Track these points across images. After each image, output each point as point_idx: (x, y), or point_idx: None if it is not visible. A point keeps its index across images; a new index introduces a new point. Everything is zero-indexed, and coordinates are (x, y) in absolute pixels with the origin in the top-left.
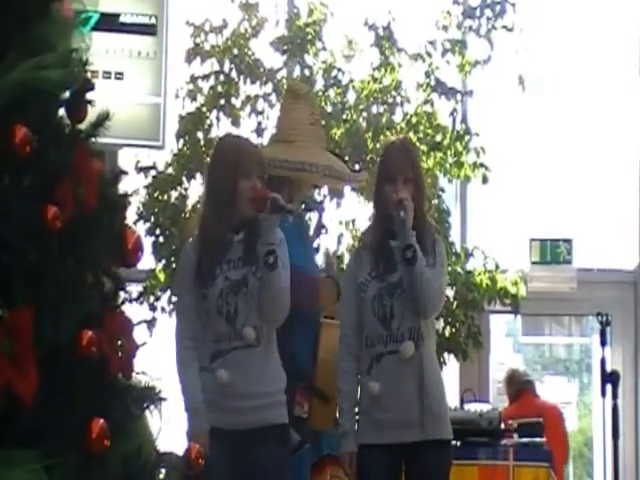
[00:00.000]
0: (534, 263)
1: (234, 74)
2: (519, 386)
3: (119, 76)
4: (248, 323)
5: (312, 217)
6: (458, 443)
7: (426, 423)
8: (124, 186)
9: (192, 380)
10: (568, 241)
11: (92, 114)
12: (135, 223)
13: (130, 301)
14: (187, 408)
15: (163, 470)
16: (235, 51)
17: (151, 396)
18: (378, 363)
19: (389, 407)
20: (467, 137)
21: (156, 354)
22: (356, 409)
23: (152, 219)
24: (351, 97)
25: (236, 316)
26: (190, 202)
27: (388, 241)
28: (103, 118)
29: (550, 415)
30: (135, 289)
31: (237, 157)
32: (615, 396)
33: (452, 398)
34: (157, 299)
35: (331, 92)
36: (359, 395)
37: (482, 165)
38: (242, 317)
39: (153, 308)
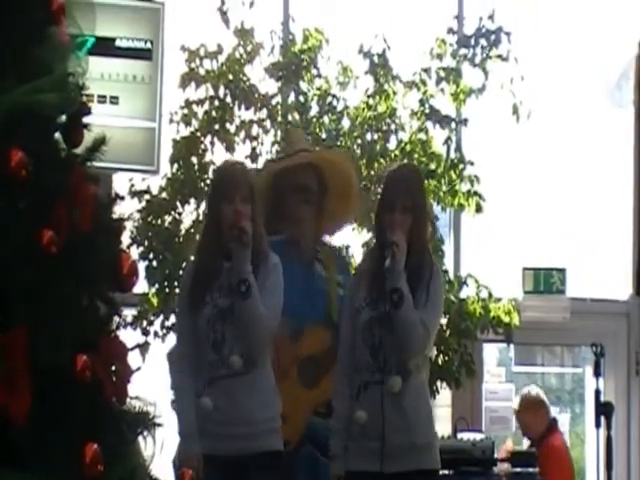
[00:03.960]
0: (527, 292)
1: (229, 99)
2: (549, 422)
3: (114, 100)
4: (234, 351)
5: None
6: (451, 472)
7: (409, 454)
8: (119, 210)
9: (186, 405)
10: (561, 271)
11: (88, 138)
12: (128, 247)
13: (124, 326)
14: (179, 433)
15: None
16: (230, 76)
17: (145, 421)
18: (365, 391)
19: (374, 436)
20: (461, 165)
21: (149, 379)
22: None
23: (145, 243)
24: (345, 124)
25: (223, 344)
26: (184, 227)
27: (384, 270)
28: (99, 142)
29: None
30: (129, 313)
31: (221, 182)
32: (609, 427)
33: (445, 427)
34: (150, 324)
35: (325, 119)
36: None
37: (476, 194)
38: (229, 345)
39: (146, 333)
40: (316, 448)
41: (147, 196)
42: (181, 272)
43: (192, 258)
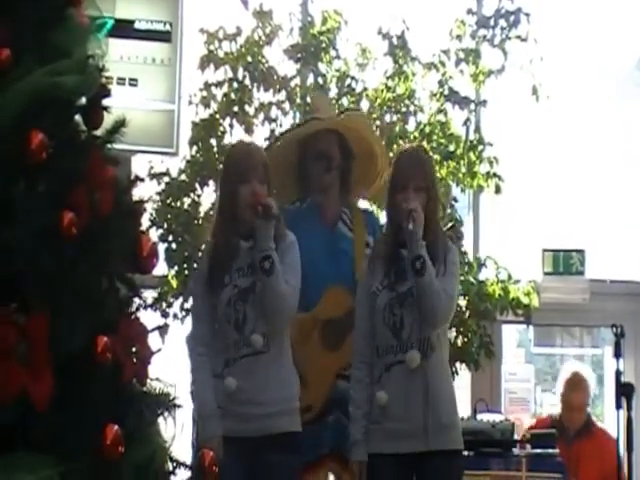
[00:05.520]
0: (546, 274)
1: (247, 81)
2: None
3: (133, 82)
4: (256, 330)
5: None
6: (471, 453)
7: (433, 433)
8: (139, 192)
9: (205, 387)
10: (581, 252)
11: (107, 120)
12: (148, 229)
13: (145, 307)
14: (200, 414)
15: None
16: (249, 58)
17: (165, 403)
18: (387, 372)
19: (396, 417)
20: (480, 147)
21: (169, 361)
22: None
23: (165, 226)
24: (364, 106)
25: (244, 323)
26: (203, 209)
27: (400, 251)
28: (119, 125)
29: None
30: (149, 295)
31: (237, 164)
32: (630, 408)
33: (464, 408)
34: (169, 305)
35: (344, 100)
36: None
37: (495, 175)
38: (250, 324)
39: (165, 314)
40: (343, 414)
41: (166, 178)
42: (200, 254)
43: (207, 240)
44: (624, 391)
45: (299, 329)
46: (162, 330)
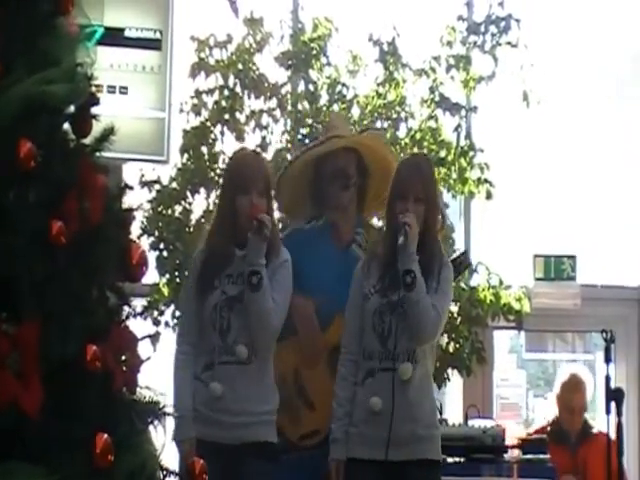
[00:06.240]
0: (538, 279)
1: (238, 89)
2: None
3: (123, 90)
4: (240, 340)
5: None
6: (462, 459)
7: (410, 443)
8: (129, 200)
9: (183, 387)
10: (572, 257)
11: (97, 128)
12: (139, 237)
13: (134, 316)
14: (175, 415)
15: None
16: (239, 66)
17: (155, 411)
18: (372, 378)
19: (380, 424)
20: (471, 153)
21: (160, 369)
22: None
23: (156, 233)
24: (355, 112)
25: (228, 332)
26: (194, 216)
27: (396, 257)
28: (108, 133)
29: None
30: (139, 303)
31: (236, 174)
32: (619, 413)
33: (456, 414)
34: (161, 313)
35: (335, 107)
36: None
37: (486, 181)
38: (234, 333)
39: (156, 323)
40: None
41: (157, 186)
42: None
43: (201, 245)
44: (614, 396)
45: (308, 354)
46: (153, 338)
